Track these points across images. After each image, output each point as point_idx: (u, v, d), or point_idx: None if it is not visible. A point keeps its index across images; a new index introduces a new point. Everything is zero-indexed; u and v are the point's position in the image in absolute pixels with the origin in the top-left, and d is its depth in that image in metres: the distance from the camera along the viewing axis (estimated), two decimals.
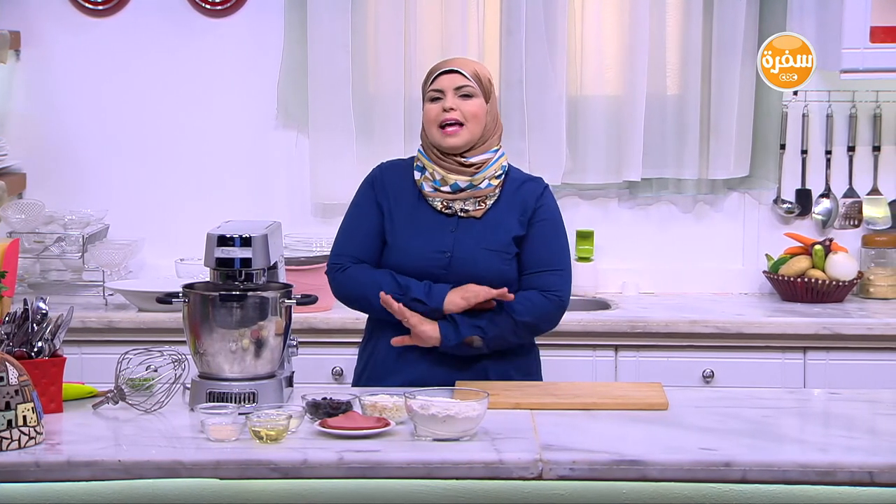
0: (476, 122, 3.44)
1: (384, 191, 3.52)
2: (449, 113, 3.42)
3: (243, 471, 2.80)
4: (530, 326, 3.46)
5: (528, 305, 3.43)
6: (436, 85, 3.45)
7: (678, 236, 5.00)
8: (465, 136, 3.43)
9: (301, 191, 4.95)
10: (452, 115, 3.42)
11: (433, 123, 3.44)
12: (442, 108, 3.43)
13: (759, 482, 2.83)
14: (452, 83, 3.44)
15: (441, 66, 3.50)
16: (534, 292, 3.44)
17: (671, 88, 4.91)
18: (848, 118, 4.93)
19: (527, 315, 3.42)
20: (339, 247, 3.54)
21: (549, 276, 3.46)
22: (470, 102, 3.44)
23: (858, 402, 3.35)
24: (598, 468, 2.80)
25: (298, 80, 4.90)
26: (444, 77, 3.45)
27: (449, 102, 3.43)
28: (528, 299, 3.43)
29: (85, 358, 4.35)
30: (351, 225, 3.55)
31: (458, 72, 3.45)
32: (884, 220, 4.94)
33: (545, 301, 3.44)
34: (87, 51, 4.93)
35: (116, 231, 4.93)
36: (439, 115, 3.43)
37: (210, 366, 3.18)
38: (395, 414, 3.02)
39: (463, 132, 3.43)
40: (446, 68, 3.47)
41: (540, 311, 3.44)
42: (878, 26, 4.65)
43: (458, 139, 3.43)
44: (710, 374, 4.44)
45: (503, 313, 3.42)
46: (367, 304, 3.48)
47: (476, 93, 3.44)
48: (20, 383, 2.84)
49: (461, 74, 3.44)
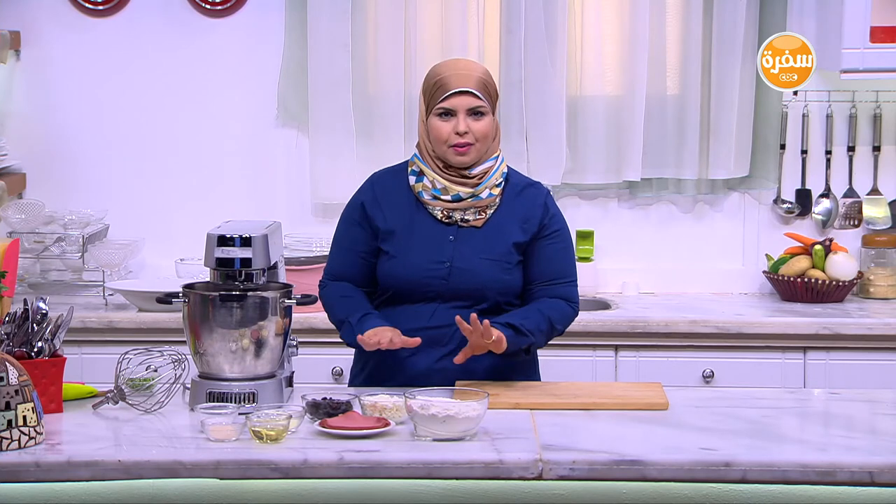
0: (486, 140, 3.41)
1: (376, 204, 3.47)
2: (462, 137, 3.38)
3: (243, 471, 2.80)
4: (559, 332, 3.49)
5: (563, 315, 3.45)
6: (447, 104, 3.37)
7: (678, 236, 5.00)
8: (475, 154, 3.40)
9: (301, 191, 4.95)
10: (465, 139, 3.38)
11: (443, 143, 3.39)
12: (454, 130, 3.38)
13: (759, 482, 2.83)
14: (466, 104, 3.37)
15: (450, 81, 3.39)
16: (563, 303, 3.45)
17: (671, 88, 4.91)
18: (848, 118, 4.93)
19: (561, 324, 3.46)
20: (328, 264, 3.56)
21: (567, 287, 3.47)
22: (481, 122, 3.39)
23: (858, 401, 3.35)
24: (598, 468, 2.80)
25: (298, 80, 4.90)
26: (457, 98, 3.38)
27: (462, 126, 3.37)
28: (561, 310, 3.44)
29: (85, 358, 4.35)
30: (335, 241, 3.55)
31: (471, 93, 3.37)
32: (884, 220, 4.94)
33: (571, 311, 3.48)
34: (88, 51, 4.93)
35: (116, 231, 4.93)
36: (451, 136, 3.38)
37: (210, 366, 3.18)
38: (395, 414, 3.02)
39: (473, 151, 3.39)
40: (459, 88, 3.37)
41: (568, 321, 3.48)
42: (878, 26, 4.65)
43: (468, 157, 3.40)
44: (710, 374, 4.44)
45: (547, 322, 3.41)
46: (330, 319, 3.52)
47: (487, 111, 3.40)
48: (20, 383, 2.84)
49: (473, 95, 3.37)
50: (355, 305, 3.44)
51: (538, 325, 3.38)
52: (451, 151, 3.39)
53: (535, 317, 3.39)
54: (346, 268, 3.49)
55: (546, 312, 3.40)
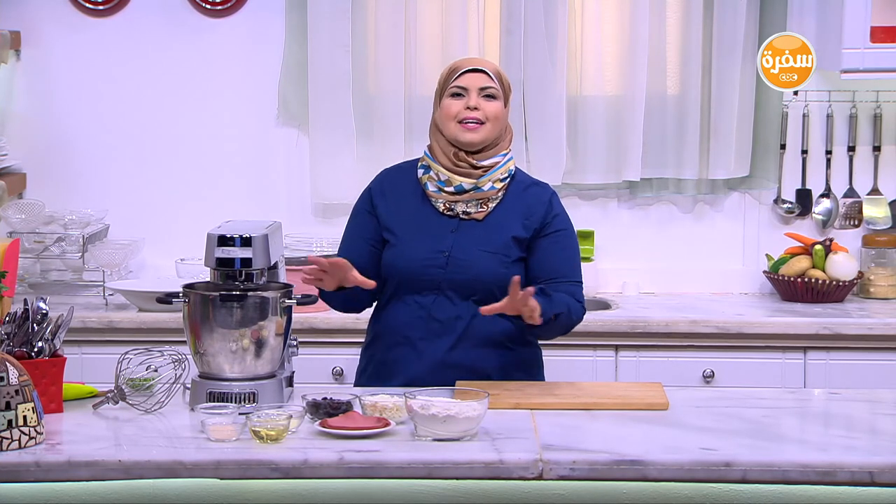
0: (496, 123, 3.45)
1: (383, 195, 3.53)
2: (472, 112, 3.42)
3: (244, 471, 2.80)
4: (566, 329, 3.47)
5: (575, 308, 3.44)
6: (460, 82, 3.44)
7: (678, 236, 5.00)
8: (484, 133, 3.43)
9: (301, 191, 4.95)
10: (475, 115, 3.42)
11: (452, 119, 3.43)
12: (465, 106, 3.42)
13: (760, 482, 2.83)
14: (478, 82, 3.44)
15: (465, 63, 3.49)
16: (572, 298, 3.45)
17: (671, 88, 4.91)
18: (848, 118, 4.93)
19: (576, 315, 3.44)
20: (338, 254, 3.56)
21: (572, 286, 3.47)
22: (492, 104, 3.44)
23: (858, 401, 3.35)
24: (599, 468, 2.80)
25: (298, 80, 4.90)
26: (470, 75, 3.44)
27: (473, 101, 3.42)
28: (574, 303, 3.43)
29: (85, 358, 4.35)
30: (347, 232, 3.58)
31: (484, 72, 3.45)
32: (884, 220, 4.93)
33: (580, 307, 3.47)
34: (88, 51, 4.93)
35: (116, 231, 4.93)
36: (461, 111, 3.43)
37: (210, 366, 3.18)
38: (395, 414, 3.02)
39: (482, 129, 3.43)
40: (473, 66, 3.46)
41: (578, 315, 3.46)
42: (878, 26, 4.65)
43: (477, 135, 3.43)
44: (711, 373, 4.44)
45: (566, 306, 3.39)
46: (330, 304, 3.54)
47: (499, 95, 3.45)
48: (20, 383, 2.84)
49: (487, 75, 3.44)
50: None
51: (566, 302, 3.39)
52: (461, 128, 3.42)
53: (560, 297, 3.39)
54: (353, 256, 3.50)
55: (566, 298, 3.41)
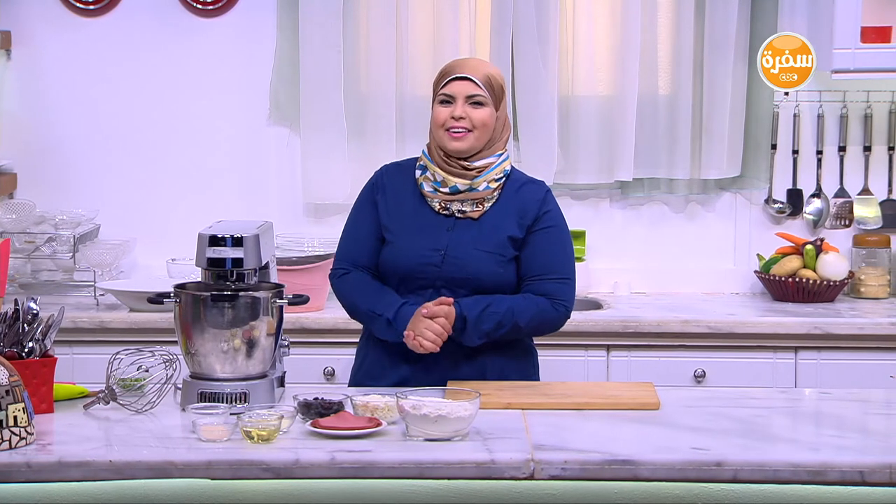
0: (484, 130, 3.45)
1: (383, 191, 3.54)
2: (458, 121, 3.43)
3: (235, 471, 2.80)
4: (534, 332, 3.50)
5: (536, 312, 3.43)
6: (447, 90, 3.45)
7: (670, 236, 5.00)
8: (471, 141, 3.44)
9: (293, 191, 4.95)
10: (461, 123, 3.43)
11: (440, 126, 3.45)
12: (451, 115, 3.43)
13: (751, 482, 2.83)
14: (464, 90, 3.44)
15: (454, 68, 3.48)
16: (543, 299, 3.44)
17: (663, 88, 4.91)
18: (839, 118, 4.94)
19: (535, 322, 3.44)
20: (340, 251, 3.58)
21: (556, 284, 3.46)
22: (480, 111, 3.44)
23: (849, 401, 3.36)
24: (590, 468, 2.81)
25: (290, 80, 4.90)
26: (457, 83, 3.45)
27: (459, 110, 3.43)
28: (537, 306, 3.43)
29: (76, 358, 4.34)
30: (350, 229, 3.58)
31: (470, 79, 3.44)
32: (874, 220, 4.94)
33: (553, 310, 3.45)
34: (79, 50, 4.92)
35: (107, 231, 4.92)
36: (447, 120, 3.44)
37: (201, 366, 3.18)
38: (386, 414, 3.02)
39: (469, 137, 3.44)
40: (459, 74, 3.45)
41: (546, 318, 3.46)
42: (868, 27, 4.66)
43: (464, 144, 3.43)
44: (702, 373, 4.45)
45: (512, 320, 3.41)
46: (354, 313, 3.54)
47: (487, 101, 3.44)
48: (11, 384, 2.84)
49: (473, 83, 3.44)
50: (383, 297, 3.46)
51: (499, 325, 3.39)
52: (447, 136, 3.44)
53: (500, 306, 3.40)
54: (359, 250, 3.51)
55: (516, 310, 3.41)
